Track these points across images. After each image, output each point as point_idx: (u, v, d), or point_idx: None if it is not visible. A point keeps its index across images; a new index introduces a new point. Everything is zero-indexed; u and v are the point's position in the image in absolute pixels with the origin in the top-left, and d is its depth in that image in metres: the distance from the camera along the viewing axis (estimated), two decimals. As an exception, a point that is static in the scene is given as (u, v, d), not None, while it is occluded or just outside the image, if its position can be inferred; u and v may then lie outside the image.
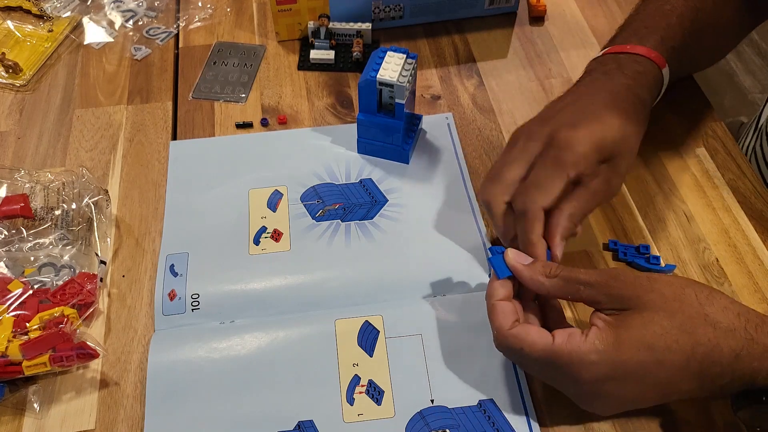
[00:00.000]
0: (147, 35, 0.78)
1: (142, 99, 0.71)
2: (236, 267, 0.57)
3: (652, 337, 0.42)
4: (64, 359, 0.50)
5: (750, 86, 1.79)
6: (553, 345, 0.43)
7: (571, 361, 0.42)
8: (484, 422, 0.49)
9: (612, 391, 0.43)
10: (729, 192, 0.62)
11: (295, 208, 0.61)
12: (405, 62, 0.59)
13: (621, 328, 0.42)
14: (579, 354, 0.42)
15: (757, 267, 0.57)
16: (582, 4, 0.81)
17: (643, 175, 0.64)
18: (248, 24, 0.79)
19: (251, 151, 0.66)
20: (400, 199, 0.62)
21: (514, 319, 0.46)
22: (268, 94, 0.72)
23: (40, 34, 0.78)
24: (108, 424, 0.50)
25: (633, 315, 0.43)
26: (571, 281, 0.45)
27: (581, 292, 0.45)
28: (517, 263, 0.47)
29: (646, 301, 0.43)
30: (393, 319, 0.54)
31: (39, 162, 0.66)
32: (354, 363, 0.52)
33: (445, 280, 0.56)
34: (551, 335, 0.44)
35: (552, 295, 0.47)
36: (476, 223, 0.60)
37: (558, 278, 0.46)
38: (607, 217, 0.61)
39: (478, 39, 0.77)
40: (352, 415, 0.49)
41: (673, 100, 0.69)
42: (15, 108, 0.71)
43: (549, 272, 0.46)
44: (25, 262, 0.56)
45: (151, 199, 0.63)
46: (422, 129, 0.67)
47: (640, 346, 0.42)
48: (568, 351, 0.42)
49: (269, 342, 0.53)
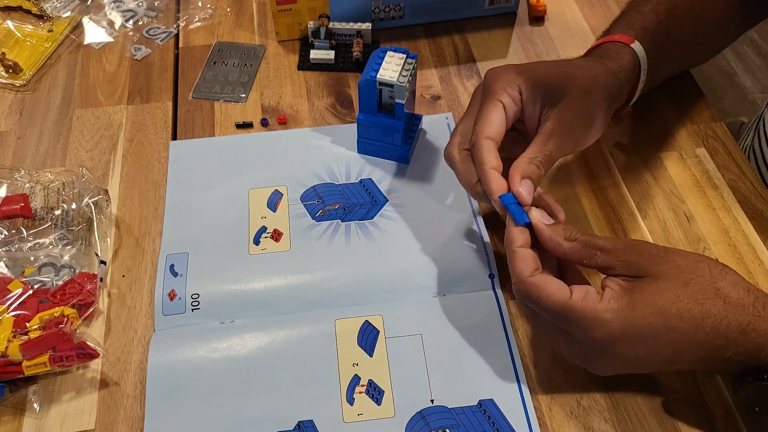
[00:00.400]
0: (147, 35, 0.78)
1: (142, 99, 0.72)
2: (236, 267, 0.57)
3: (664, 303, 0.43)
4: (64, 359, 0.50)
5: (750, 86, 1.79)
6: (570, 299, 0.44)
7: (585, 317, 0.43)
8: (484, 422, 0.49)
9: (619, 352, 0.44)
10: (729, 192, 0.62)
11: (295, 208, 0.61)
12: (405, 62, 0.59)
13: (636, 292, 0.43)
14: (594, 311, 0.43)
15: (757, 267, 0.57)
16: (582, 4, 0.81)
17: (643, 175, 0.64)
18: (248, 24, 0.79)
19: (251, 151, 0.66)
20: (400, 199, 0.62)
21: (534, 268, 0.46)
22: (268, 94, 0.72)
23: (40, 34, 0.78)
24: (108, 424, 0.50)
25: (648, 281, 0.44)
26: (589, 245, 0.46)
27: (597, 257, 0.46)
28: (539, 222, 0.48)
29: (660, 270, 0.44)
30: (393, 319, 0.54)
31: (39, 162, 0.66)
32: (354, 363, 0.52)
33: (445, 280, 0.56)
34: (569, 289, 0.44)
35: (568, 257, 0.47)
36: (476, 223, 0.60)
37: (577, 242, 0.46)
38: (607, 217, 0.61)
39: (478, 39, 0.77)
40: (352, 415, 0.49)
41: (673, 100, 0.69)
42: (15, 108, 0.71)
43: (569, 235, 0.47)
44: (25, 262, 0.56)
45: (151, 199, 0.63)
46: (422, 129, 0.67)
47: (653, 310, 0.43)
48: (583, 308, 0.43)
49: (269, 342, 0.53)
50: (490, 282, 0.56)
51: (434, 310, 0.54)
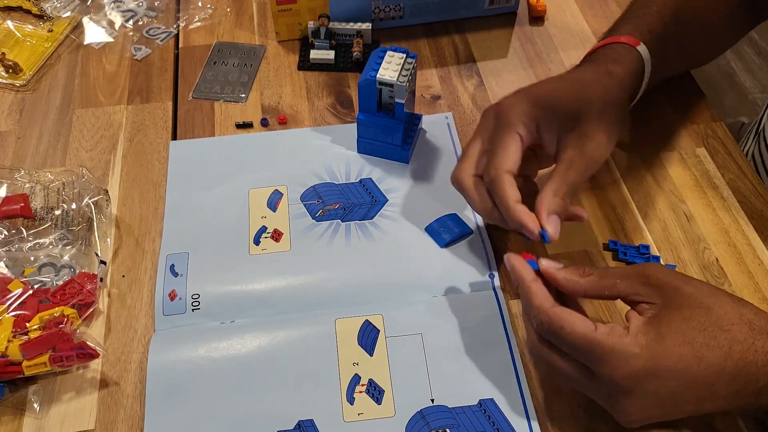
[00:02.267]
0: (147, 35, 0.78)
1: (142, 99, 0.72)
2: (236, 267, 0.57)
3: (691, 332, 0.42)
4: (64, 359, 0.49)
5: (750, 86, 1.79)
6: (595, 332, 0.42)
7: (612, 351, 0.41)
8: (484, 422, 0.49)
9: (649, 389, 0.42)
10: (729, 192, 0.62)
11: (295, 207, 0.61)
12: (405, 62, 0.59)
13: (662, 324, 0.42)
14: (621, 345, 0.41)
15: (757, 267, 0.57)
16: (582, 4, 0.81)
17: (643, 175, 0.64)
18: (248, 24, 0.79)
19: (251, 151, 0.66)
20: (400, 199, 0.62)
21: (553, 301, 0.45)
22: (268, 94, 0.72)
23: (40, 34, 0.78)
24: (108, 424, 0.50)
25: (671, 311, 0.43)
26: (607, 276, 0.45)
27: (618, 286, 0.45)
28: (550, 267, 0.47)
29: (684, 294, 0.43)
30: (393, 319, 0.54)
31: (39, 162, 0.66)
32: (354, 362, 0.52)
33: (445, 280, 0.56)
34: (593, 324, 0.43)
35: (588, 293, 0.46)
36: (476, 222, 0.60)
37: (593, 276, 0.46)
38: (607, 217, 0.61)
39: (478, 39, 0.77)
40: (353, 415, 0.49)
41: (673, 100, 0.69)
42: (15, 108, 0.71)
43: (583, 272, 0.46)
44: (25, 262, 0.56)
45: (151, 199, 0.63)
46: (422, 129, 0.67)
47: (681, 341, 0.41)
48: (610, 342, 0.41)
49: (269, 342, 0.53)
50: (490, 282, 0.56)
51: (434, 309, 0.54)
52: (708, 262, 0.57)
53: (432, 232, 0.59)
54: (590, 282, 0.46)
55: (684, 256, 0.58)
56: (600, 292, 0.46)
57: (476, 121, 0.68)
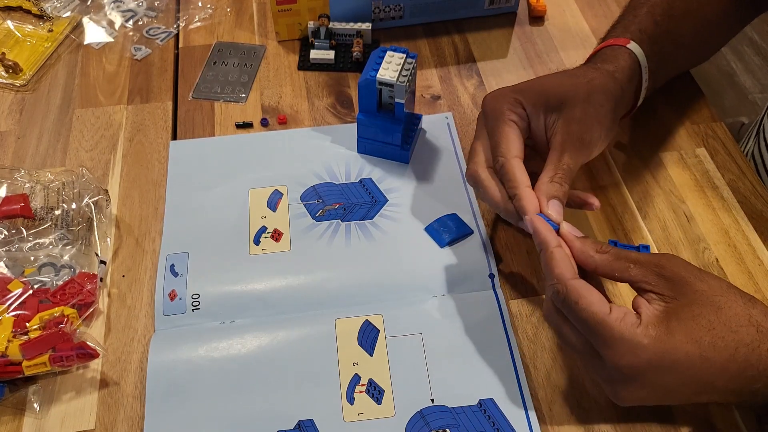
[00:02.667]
0: (147, 35, 0.78)
1: (142, 99, 0.72)
2: (236, 267, 0.57)
3: (700, 330, 0.42)
4: (64, 359, 0.50)
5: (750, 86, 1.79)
6: (608, 315, 0.42)
7: (622, 338, 0.41)
8: (484, 422, 0.49)
9: (651, 380, 0.42)
10: (729, 192, 0.62)
11: (295, 207, 0.61)
12: (405, 62, 0.59)
13: (672, 319, 0.42)
14: (631, 334, 0.41)
15: (757, 267, 0.57)
16: (582, 4, 0.81)
17: (643, 175, 0.64)
18: (248, 24, 0.79)
19: (251, 151, 0.66)
20: (400, 199, 0.62)
21: (574, 272, 0.45)
22: (268, 94, 0.72)
23: (40, 34, 0.78)
24: (108, 424, 0.50)
25: (682, 306, 0.43)
26: (622, 258, 0.45)
27: (630, 270, 0.45)
28: (569, 234, 0.48)
29: (696, 291, 0.43)
30: (393, 319, 0.54)
31: (39, 162, 0.66)
32: (354, 362, 0.52)
33: (445, 280, 0.56)
34: (609, 306, 0.43)
35: (599, 270, 0.46)
36: (476, 223, 0.60)
37: (609, 254, 0.46)
38: (607, 217, 0.61)
39: (478, 39, 0.77)
40: (353, 415, 0.49)
41: (673, 100, 0.69)
42: (15, 108, 0.71)
43: (600, 248, 0.46)
44: (25, 262, 0.56)
45: (151, 199, 0.63)
46: (422, 129, 0.67)
47: (689, 339, 0.41)
48: (621, 329, 0.41)
49: (269, 341, 0.53)
50: (490, 282, 0.56)
51: (434, 309, 0.54)
52: (708, 262, 0.57)
53: (432, 232, 0.59)
54: (604, 259, 0.46)
55: (684, 256, 0.58)
56: (610, 272, 0.46)
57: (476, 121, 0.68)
